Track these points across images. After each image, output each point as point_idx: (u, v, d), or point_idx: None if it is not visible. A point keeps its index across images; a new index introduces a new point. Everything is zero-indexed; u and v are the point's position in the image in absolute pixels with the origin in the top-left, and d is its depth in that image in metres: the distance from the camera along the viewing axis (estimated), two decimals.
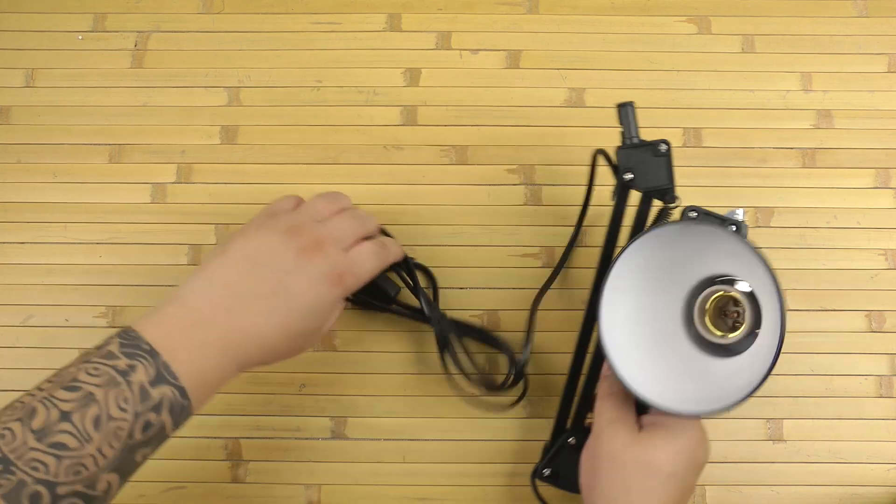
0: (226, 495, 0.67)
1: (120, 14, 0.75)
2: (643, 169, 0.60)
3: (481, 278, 0.70)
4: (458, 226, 0.71)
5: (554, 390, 0.68)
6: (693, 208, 0.58)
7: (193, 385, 0.48)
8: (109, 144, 0.73)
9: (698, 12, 0.75)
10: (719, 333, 0.56)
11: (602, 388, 0.57)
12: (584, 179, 0.71)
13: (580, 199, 0.71)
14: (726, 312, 0.57)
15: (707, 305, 0.57)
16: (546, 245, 0.71)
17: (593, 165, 0.65)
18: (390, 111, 0.73)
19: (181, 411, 0.48)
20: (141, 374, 0.46)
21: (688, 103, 0.73)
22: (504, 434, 0.68)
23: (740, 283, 0.56)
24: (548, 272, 0.69)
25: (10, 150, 0.73)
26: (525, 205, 0.71)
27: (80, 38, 0.75)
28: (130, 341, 0.47)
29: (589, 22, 0.75)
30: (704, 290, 0.57)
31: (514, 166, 0.72)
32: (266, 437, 0.67)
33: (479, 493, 0.67)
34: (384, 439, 0.67)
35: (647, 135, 0.60)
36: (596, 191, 0.66)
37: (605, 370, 0.58)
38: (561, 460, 0.62)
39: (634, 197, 0.60)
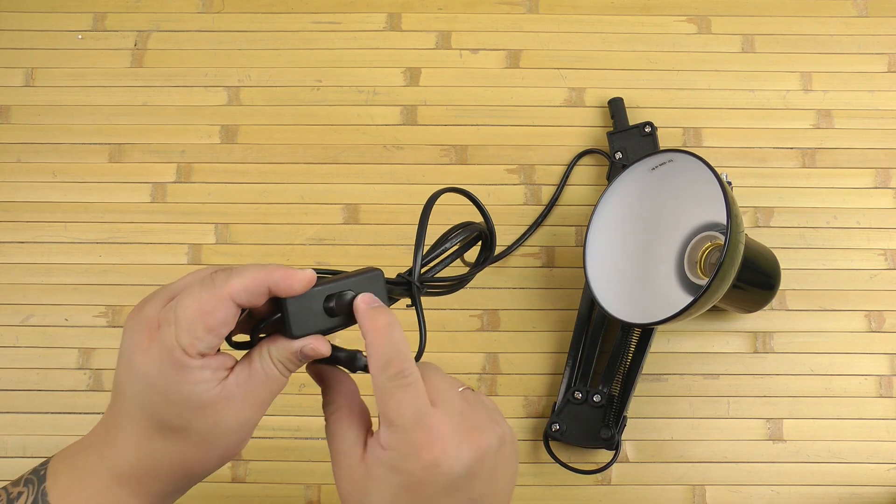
0: (226, 495, 0.67)
1: (120, 13, 0.75)
2: (633, 148, 0.69)
3: (481, 278, 0.70)
4: None
5: (551, 390, 0.68)
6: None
7: None
8: (109, 144, 0.73)
9: (698, 12, 0.75)
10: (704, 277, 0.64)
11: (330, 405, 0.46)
12: (585, 179, 0.71)
13: (580, 199, 0.71)
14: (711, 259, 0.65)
15: (698, 257, 0.64)
16: (546, 245, 0.71)
17: (572, 164, 0.71)
18: (390, 111, 0.73)
19: None
20: (22, 502, 0.43)
21: (688, 103, 0.73)
22: None
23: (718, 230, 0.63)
24: (547, 272, 0.69)
25: (10, 149, 0.73)
26: (525, 205, 0.71)
27: (79, 37, 0.75)
28: (42, 465, 0.45)
29: (589, 21, 0.75)
30: (693, 228, 0.65)
31: (514, 166, 0.72)
32: (266, 437, 0.67)
33: None
34: None
35: None
36: (568, 190, 0.70)
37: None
38: (567, 414, 0.65)
39: None
